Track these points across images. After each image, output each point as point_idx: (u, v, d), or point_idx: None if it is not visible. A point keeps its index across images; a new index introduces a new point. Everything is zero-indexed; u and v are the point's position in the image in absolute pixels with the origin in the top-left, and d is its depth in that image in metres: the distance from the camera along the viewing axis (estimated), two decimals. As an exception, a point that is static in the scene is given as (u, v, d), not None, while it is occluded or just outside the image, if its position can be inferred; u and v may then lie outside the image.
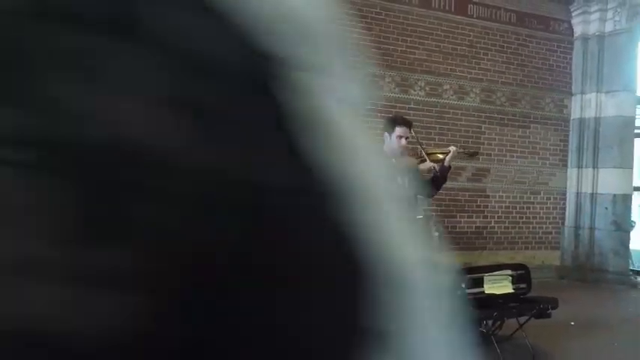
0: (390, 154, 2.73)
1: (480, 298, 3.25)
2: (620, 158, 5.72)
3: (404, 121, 2.72)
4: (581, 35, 5.96)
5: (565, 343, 3.46)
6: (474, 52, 5.62)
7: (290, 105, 0.16)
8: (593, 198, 5.83)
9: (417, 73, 5.34)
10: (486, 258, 5.67)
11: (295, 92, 0.16)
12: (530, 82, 5.90)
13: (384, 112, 5.12)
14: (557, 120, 6.01)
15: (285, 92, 0.15)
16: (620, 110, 5.73)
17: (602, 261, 5.72)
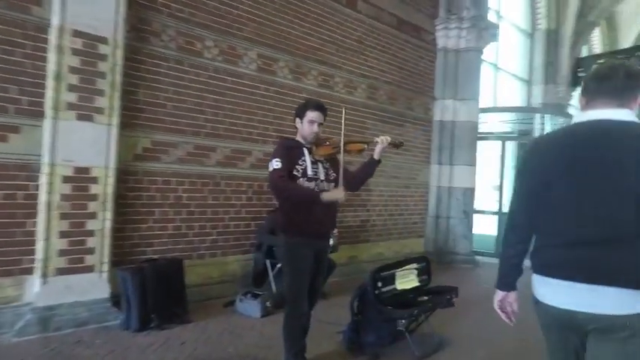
0: (304, 140, 2.37)
1: (396, 295, 2.96)
2: (469, 157, 6.37)
3: (316, 106, 2.39)
4: (443, 47, 6.38)
5: (453, 322, 3.47)
6: (362, 49, 5.39)
7: None
8: (449, 191, 6.35)
9: (310, 61, 4.78)
10: (369, 250, 5.57)
11: None
12: (406, 84, 6.03)
13: (276, 100, 4.42)
14: (424, 121, 6.33)
15: None
16: (469, 116, 6.36)
17: (454, 245, 6.30)
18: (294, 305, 2.35)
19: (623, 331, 1.19)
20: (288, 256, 2.36)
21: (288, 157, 2.28)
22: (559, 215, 1.32)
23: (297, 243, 2.30)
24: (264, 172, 4.34)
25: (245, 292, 3.67)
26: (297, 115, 2.40)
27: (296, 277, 2.33)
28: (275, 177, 2.23)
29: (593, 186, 1.25)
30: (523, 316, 2.08)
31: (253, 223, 4.29)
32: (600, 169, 1.24)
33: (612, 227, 1.22)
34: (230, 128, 4.11)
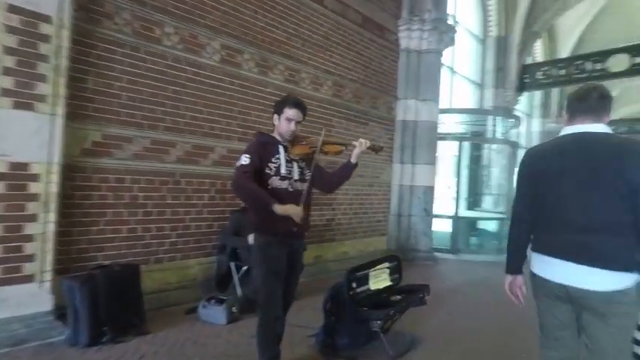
0: (281, 138, 2.27)
1: (370, 295, 2.91)
2: (429, 156, 6.52)
3: (295, 103, 2.27)
4: (405, 48, 6.47)
5: (423, 319, 3.49)
6: (328, 45, 5.31)
7: None
8: (411, 189, 6.46)
9: (276, 54, 4.61)
10: (334, 249, 5.52)
11: None
12: (371, 83, 6.03)
13: (241, 94, 4.22)
14: (387, 120, 6.38)
15: None
16: (430, 116, 6.52)
17: (416, 242, 6.43)
18: (268, 309, 2.22)
19: (607, 305, 1.48)
20: (260, 256, 2.22)
21: (261, 154, 2.19)
22: (556, 208, 1.62)
23: (270, 242, 2.19)
24: (227, 169, 4.13)
25: (209, 298, 3.43)
26: (275, 112, 2.29)
27: (268, 278, 2.20)
28: (238, 172, 2.14)
29: (581, 184, 1.56)
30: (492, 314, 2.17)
31: (216, 224, 4.05)
32: (585, 171, 1.55)
33: (599, 218, 1.51)
34: (191, 122, 3.83)
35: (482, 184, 9.10)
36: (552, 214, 1.64)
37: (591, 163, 1.54)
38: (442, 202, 7.66)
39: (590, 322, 1.55)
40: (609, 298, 1.47)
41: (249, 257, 3.58)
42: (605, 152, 1.54)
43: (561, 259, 1.56)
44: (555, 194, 1.62)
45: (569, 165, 1.59)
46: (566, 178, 1.59)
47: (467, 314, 3.90)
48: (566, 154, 1.62)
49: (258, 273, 2.29)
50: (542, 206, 1.67)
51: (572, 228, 1.56)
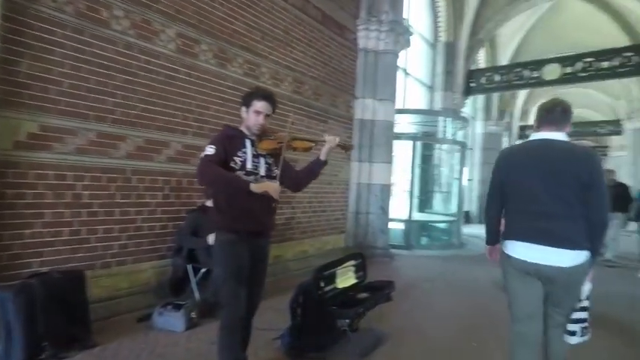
0: (248, 132, 2.16)
1: (337, 294, 2.88)
2: (386, 155, 6.66)
3: (264, 95, 2.18)
4: (363, 48, 6.54)
5: (387, 315, 3.52)
6: (289, 40, 5.20)
7: None
8: (368, 187, 6.56)
9: (235, 47, 4.42)
10: (294, 248, 5.44)
11: None
12: (330, 80, 6.02)
13: (198, 86, 4.00)
14: (346, 119, 6.41)
15: None
16: (387, 116, 6.66)
17: (373, 239, 6.54)
18: (230, 310, 2.09)
19: (566, 279, 1.90)
20: (222, 254, 2.12)
21: (227, 147, 2.08)
22: (523, 199, 1.98)
23: (232, 240, 2.08)
24: (183, 166, 3.88)
25: (164, 304, 3.20)
26: (243, 104, 2.18)
27: (231, 278, 2.08)
28: (202, 161, 2.02)
29: (545, 181, 1.91)
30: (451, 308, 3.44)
31: (171, 224, 3.79)
32: (548, 171, 1.91)
33: (559, 207, 1.88)
34: (143, 115, 3.54)
35: (434, 183, 9.51)
36: (523, 206, 1.99)
37: (553, 164, 1.91)
38: (397, 201, 7.87)
39: (555, 291, 1.94)
40: (571, 272, 1.88)
41: (208, 259, 3.41)
42: (564, 157, 1.92)
43: (533, 243, 1.90)
44: (524, 189, 1.98)
45: (535, 165, 1.95)
46: (533, 176, 1.94)
47: (427, 309, 4.01)
48: (533, 156, 1.98)
49: (219, 273, 2.18)
50: (514, 199, 2.03)
51: (540, 217, 1.91)
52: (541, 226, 1.89)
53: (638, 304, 4.55)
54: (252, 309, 2.26)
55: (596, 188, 1.87)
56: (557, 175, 1.89)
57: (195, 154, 4.00)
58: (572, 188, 1.87)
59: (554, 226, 1.87)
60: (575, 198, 1.87)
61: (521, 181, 2.00)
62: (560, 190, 1.89)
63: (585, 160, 1.90)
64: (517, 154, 2.12)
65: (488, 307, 4.22)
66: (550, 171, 1.90)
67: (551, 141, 1.95)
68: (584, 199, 1.86)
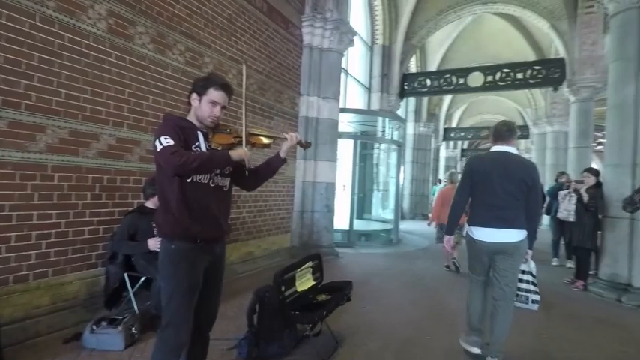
0: (198, 123, 1.87)
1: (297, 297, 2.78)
2: (330, 153, 6.67)
3: (223, 84, 1.88)
4: (308, 44, 6.47)
5: (341, 315, 3.48)
6: (233, 30, 4.93)
7: None
8: (313, 186, 6.51)
9: (176, 32, 4.05)
10: (239, 250, 5.18)
11: None
12: (275, 75, 5.84)
13: (133, 73, 3.59)
14: (291, 115, 6.28)
15: None
16: (331, 114, 6.67)
17: (318, 237, 6.51)
18: (174, 334, 1.79)
19: (514, 250, 2.66)
20: (172, 268, 1.80)
21: (180, 138, 1.77)
22: (485, 195, 2.72)
23: (186, 251, 1.79)
24: (116, 162, 3.44)
25: (97, 320, 2.79)
26: (196, 91, 1.87)
27: (180, 295, 1.79)
28: (168, 153, 1.69)
29: (501, 182, 2.66)
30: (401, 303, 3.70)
31: (102, 229, 3.34)
32: (503, 174, 2.66)
33: (509, 201, 2.65)
34: (68, 102, 3.06)
35: (372, 182, 9.79)
36: (484, 199, 2.73)
37: (507, 170, 2.68)
38: (340, 200, 7.94)
39: (502, 260, 2.70)
40: (516, 246, 2.66)
41: (149, 266, 3.07)
42: (515, 165, 2.71)
43: (492, 227, 2.68)
44: (487, 188, 2.71)
45: (494, 170, 2.70)
46: (493, 178, 2.68)
47: (378, 305, 4.06)
48: (493, 163, 2.74)
49: (166, 287, 1.82)
50: (479, 195, 2.77)
51: (496, 208, 2.67)
52: (497, 214, 2.66)
53: (555, 288, 5.11)
54: (211, 321, 2.02)
55: (535, 189, 2.70)
56: (509, 178, 2.66)
57: (132, 150, 3.59)
58: (519, 188, 2.66)
59: (506, 214, 2.65)
60: (520, 195, 2.66)
61: (484, 181, 2.73)
62: (510, 189, 2.65)
63: (529, 169, 2.73)
64: (482, 161, 2.85)
65: (434, 299, 4.42)
66: (504, 175, 2.66)
67: (507, 153, 2.75)
68: (525, 196, 2.66)
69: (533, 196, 2.67)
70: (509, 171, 2.65)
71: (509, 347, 2.80)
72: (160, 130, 1.77)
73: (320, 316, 2.59)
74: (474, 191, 2.77)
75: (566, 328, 3.63)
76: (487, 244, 2.68)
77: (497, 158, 2.73)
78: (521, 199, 2.64)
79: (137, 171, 3.65)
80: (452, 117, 21.41)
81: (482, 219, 2.72)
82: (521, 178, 2.64)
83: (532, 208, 2.69)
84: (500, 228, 2.64)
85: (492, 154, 2.78)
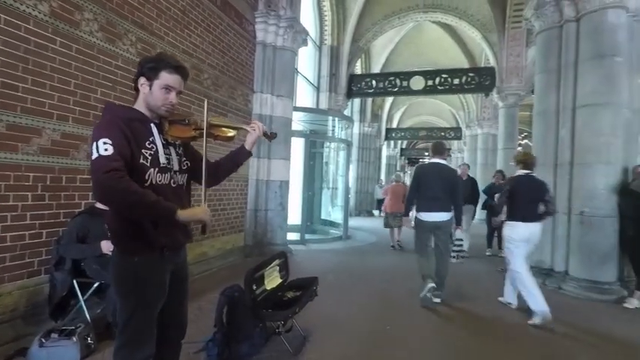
0: (149, 113, 1.60)
1: (267, 296, 2.82)
2: (284, 152, 6.68)
3: (177, 66, 1.61)
4: (262, 41, 6.41)
5: (304, 311, 3.53)
6: (187, 22, 4.73)
7: None
8: (267, 184, 6.47)
9: (127, 21, 3.81)
10: (193, 250, 5.01)
11: None
12: (229, 71, 5.71)
13: (80, 62, 3.33)
14: (244, 112, 6.18)
15: None
16: (285, 112, 6.68)
17: (272, 236, 6.50)
18: (134, 350, 1.57)
19: (446, 225, 4.24)
20: (134, 284, 1.56)
21: (129, 136, 1.49)
22: (428, 192, 4.16)
23: (147, 263, 1.57)
24: (61, 159, 3.15)
25: (46, 332, 2.55)
26: (144, 74, 1.58)
27: (142, 312, 1.58)
28: (102, 169, 1.37)
29: (437, 183, 4.15)
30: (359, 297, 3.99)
31: (46, 232, 3.04)
32: (438, 178, 4.17)
33: (442, 195, 4.14)
34: (4, 92, 2.75)
35: (322, 180, 9.95)
36: (427, 194, 4.16)
37: (440, 175, 4.19)
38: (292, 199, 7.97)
39: (440, 234, 4.24)
40: (447, 222, 4.19)
41: (101, 270, 2.88)
42: (445, 171, 4.25)
43: (432, 212, 4.14)
44: (428, 185, 4.17)
45: (432, 174, 4.20)
46: (431, 179, 4.17)
47: (338, 300, 4.19)
48: (432, 170, 4.25)
49: (125, 304, 1.58)
50: (423, 192, 4.19)
51: (434, 199, 4.12)
52: (434, 203, 4.13)
53: (490, 276, 5.65)
54: (182, 330, 1.85)
55: (457, 187, 4.24)
56: (442, 180, 4.16)
57: (78, 146, 3.32)
58: (447, 185, 4.16)
59: (439, 203, 4.13)
60: (448, 191, 4.16)
61: (426, 182, 4.20)
62: (442, 186, 4.14)
63: (453, 174, 4.44)
64: (425, 168, 4.41)
65: (388, 291, 4.66)
66: (439, 177, 4.17)
67: (439, 163, 4.28)
68: (450, 191, 4.17)
69: (456, 192, 4.20)
70: (442, 176, 4.18)
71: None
72: (101, 129, 1.45)
73: (293, 312, 2.63)
74: (420, 189, 4.21)
75: (501, 306, 4.05)
76: (430, 222, 4.17)
77: (435, 167, 4.25)
78: (449, 193, 4.16)
79: (85, 169, 3.37)
80: (393, 118, 22.44)
81: (426, 207, 4.16)
82: (449, 180, 4.20)
83: (456, 199, 4.19)
84: (437, 212, 4.13)
85: (431, 164, 4.30)
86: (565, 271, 4.94)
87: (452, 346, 3.10)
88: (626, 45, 4.78)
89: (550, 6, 5.27)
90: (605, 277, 4.56)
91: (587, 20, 4.88)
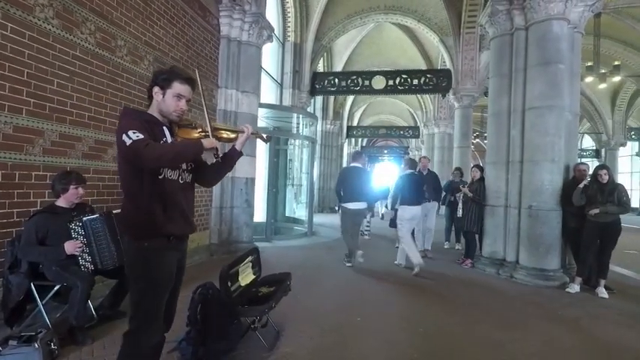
0: (162, 118, 1.82)
1: (242, 292, 2.84)
2: (250, 148, 6.61)
3: (188, 78, 1.86)
4: (226, 35, 6.31)
5: (278, 307, 3.57)
6: (149, 13, 4.57)
7: None
8: (232, 181, 6.39)
9: (85, 9, 3.62)
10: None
11: None
12: (193, 65, 5.56)
13: (35, 51, 3.14)
14: (209, 108, 6.04)
15: None
16: (250, 109, 6.62)
17: (238, 234, 6.44)
18: (148, 334, 1.74)
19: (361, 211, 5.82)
20: (146, 266, 1.73)
21: (151, 135, 1.71)
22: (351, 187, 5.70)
23: (161, 249, 1.75)
24: (14, 155, 2.96)
25: (4, 339, 2.39)
26: (158, 84, 1.81)
27: (156, 295, 1.76)
28: (141, 145, 1.60)
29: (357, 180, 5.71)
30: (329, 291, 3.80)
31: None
32: (357, 177, 5.73)
33: (368, 190, 5.91)
34: (-50, 81, 2.52)
35: (286, 177, 9.95)
36: (352, 190, 5.62)
37: (359, 175, 5.73)
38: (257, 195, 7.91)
39: (358, 218, 5.84)
40: (363, 210, 5.78)
41: (64, 272, 2.75)
42: (363, 174, 5.81)
43: (355, 202, 5.63)
44: (352, 183, 5.64)
45: (353, 174, 5.74)
46: (354, 178, 5.68)
47: (308, 294, 4.26)
48: (353, 171, 5.80)
49: (136, 289, 1.76)
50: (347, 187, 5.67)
51: (357, 194, 5.64)
52: (357, 196, 5.59)
53: (449, 266, 5.99)
54: (170, 322, 1.96)
55: (369, 184, 5.89)
56: (360, 178, 5.68)
57: (33, 140, 3.12)
58: (367, 184, 5.82)
59: (364, 195, 5.68)
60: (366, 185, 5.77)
61: (350, 181, 5.63)
62: (362, 183, 5.67)
63: (369, 175, 6.09)
64: (349, 169, 5.94)
65: (355, 284, 4.81)
66: (357, 177, 5.65)
67: (357, 167, 5.82)
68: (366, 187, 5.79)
69: (368, 187, 5.82)
70: (360, 175, 5.71)
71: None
72: (125, 124, 1.66)
73: (270, 307, 2.66)
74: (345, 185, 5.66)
75: (461, 296, 4.33)
76: (354, 210, 5.61)
77: (354, 169, 5.82)
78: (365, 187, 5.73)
79: (40, 165, 3.17)
80: (354, 116, 22.85)
81: (350, 198, 5.60)
82: (366, 178, 5.82)
83: (369, 193, 5.84)
84: (358, 202, 5.59)
85: (353, 167, 5.88)
86: (516, 261, 5.35)
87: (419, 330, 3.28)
88: (567, 54, 5.24)
89: (502, 14, 5.66)
90: (550, 265, 5.01)
91: (534, 29, 5.29)
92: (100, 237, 2.85)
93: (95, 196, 3.79)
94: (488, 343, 3.09)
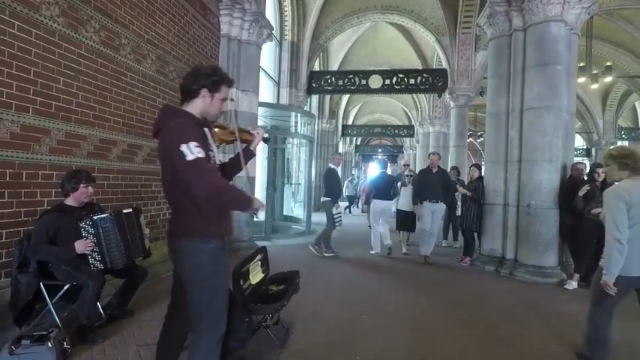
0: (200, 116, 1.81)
1: (253, 290, 2.87)
2: (250, 147, 6.60)
3: (231, 81, 1.93)
4: (226, 34, 6.30)
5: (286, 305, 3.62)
6: (152, 11, 4.55)
7: None
8: (233, 181, 6.35)
9: (90, 7, 3.60)
10: (160, 249, 4.85)
11: None
12: (194, 64, 5.54)
13: (40, 49, 3.13)
14: (209, 107, 6.03)
15: None
16: (250, 107, 6.63)
17: (239, 233, 6.44)
18: (218, 329, 1.80)
19: (329, 203, 6.49)
20: (214, 267, 1.76)
21: (202, 140, 1.72)
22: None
23: (221, 248, 1.80)
24: (21, 154, 2.95)
25: (15, 339, 2.39)
26: (206, 86, 1.79)
27: (222, 293, 1.81)
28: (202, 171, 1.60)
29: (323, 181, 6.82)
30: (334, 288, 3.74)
31: (6, 232, 2.82)
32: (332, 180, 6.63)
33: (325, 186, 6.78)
34: (-42, 79, 2.50)
35: (284, 176, 9.96)
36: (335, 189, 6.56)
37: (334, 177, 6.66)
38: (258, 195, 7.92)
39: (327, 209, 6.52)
40: (328, 203, 6.46)
41: (74, 272, 2.75)
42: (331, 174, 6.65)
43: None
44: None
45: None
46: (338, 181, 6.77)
47: (314, 292, 4.29)
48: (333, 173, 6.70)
49: (206, 290, 1.76)
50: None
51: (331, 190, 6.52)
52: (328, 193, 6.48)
53: (448, 264, 6.07)
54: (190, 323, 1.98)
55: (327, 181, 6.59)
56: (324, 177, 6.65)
57: (40, 139, 3.10)
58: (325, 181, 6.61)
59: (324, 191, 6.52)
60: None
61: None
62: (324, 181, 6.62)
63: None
64: (331, 171, 6.58)
65: (359, 283, 4.85)
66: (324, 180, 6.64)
67: (331, 168, 6.59)
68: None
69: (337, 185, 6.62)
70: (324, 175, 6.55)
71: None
72: (185, 132, 1.64)
73: (282, 305, 2.69)
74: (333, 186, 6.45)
75: (461, 292, 4.40)
76: (325, 201, 6.38)
77: (331, 171, 6.53)
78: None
79: (47, 164, 3.16)
80: (349, 115, 22.90)
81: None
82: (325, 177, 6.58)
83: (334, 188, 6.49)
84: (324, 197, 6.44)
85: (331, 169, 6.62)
86: (515, 258, 5.44)
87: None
88: (565, 55, 5.34)
89: (501, 15, 5.73)
90: (548, 262, 5.10)
91: (532, 31, 5.38)
92: (110, 236, 2.85)
93: (100, 195, 3.78)
94: (493, 340, 3.16)
